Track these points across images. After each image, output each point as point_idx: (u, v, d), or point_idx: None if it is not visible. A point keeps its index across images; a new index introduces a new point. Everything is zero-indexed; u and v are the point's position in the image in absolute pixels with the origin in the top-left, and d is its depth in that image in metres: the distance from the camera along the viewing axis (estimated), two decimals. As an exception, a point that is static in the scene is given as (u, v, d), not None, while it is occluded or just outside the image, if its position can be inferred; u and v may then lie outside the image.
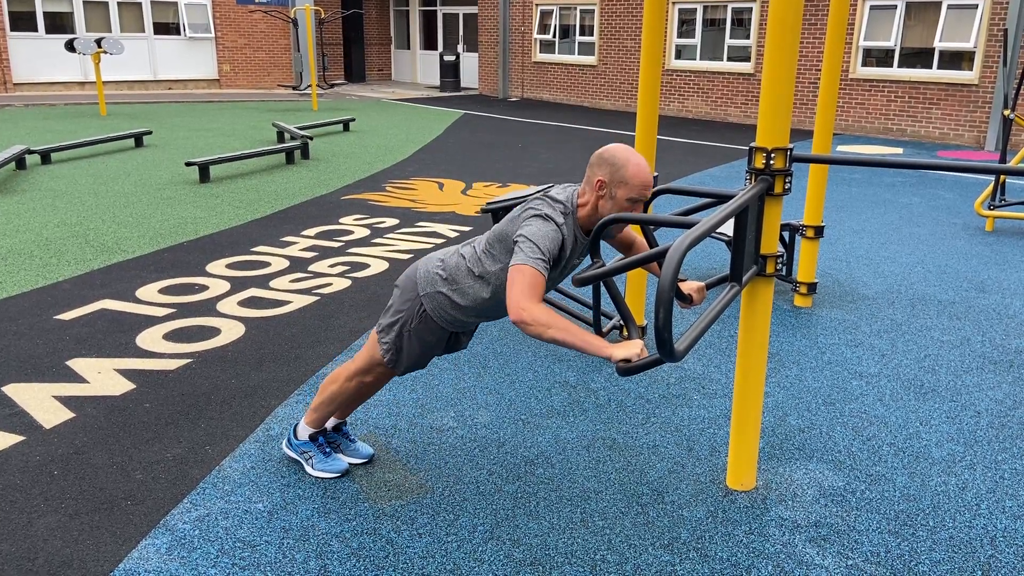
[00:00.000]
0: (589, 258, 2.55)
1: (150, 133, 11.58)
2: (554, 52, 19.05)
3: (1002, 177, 7.34)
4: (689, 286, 2.70)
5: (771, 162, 2.71)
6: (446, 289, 2.73)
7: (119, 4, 19.19)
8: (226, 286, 5.33)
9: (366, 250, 6.28)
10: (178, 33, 20.08)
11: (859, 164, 2.85)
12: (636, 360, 2.26)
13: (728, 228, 5.05)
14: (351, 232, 6.83)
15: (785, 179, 2.73)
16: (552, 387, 3.89)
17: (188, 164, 8.91)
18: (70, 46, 14.25)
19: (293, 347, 4.34)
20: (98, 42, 14.24)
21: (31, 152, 9.72)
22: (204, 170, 8.85)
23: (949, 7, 12.75)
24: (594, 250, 2.53)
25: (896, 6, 13.32)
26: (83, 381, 3.87)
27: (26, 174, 9.14)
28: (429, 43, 23.57)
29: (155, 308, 4.89)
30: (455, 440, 3.38)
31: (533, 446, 3.34)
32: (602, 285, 3.27)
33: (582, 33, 18.34)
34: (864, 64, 13.93)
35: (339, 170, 9.77)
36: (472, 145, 12.17)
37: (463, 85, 21.79)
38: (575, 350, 2.35)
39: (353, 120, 13.60)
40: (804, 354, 4.36)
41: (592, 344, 2.32)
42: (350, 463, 3.14)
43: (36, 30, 18.32)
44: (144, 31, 19.64)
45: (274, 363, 4.13)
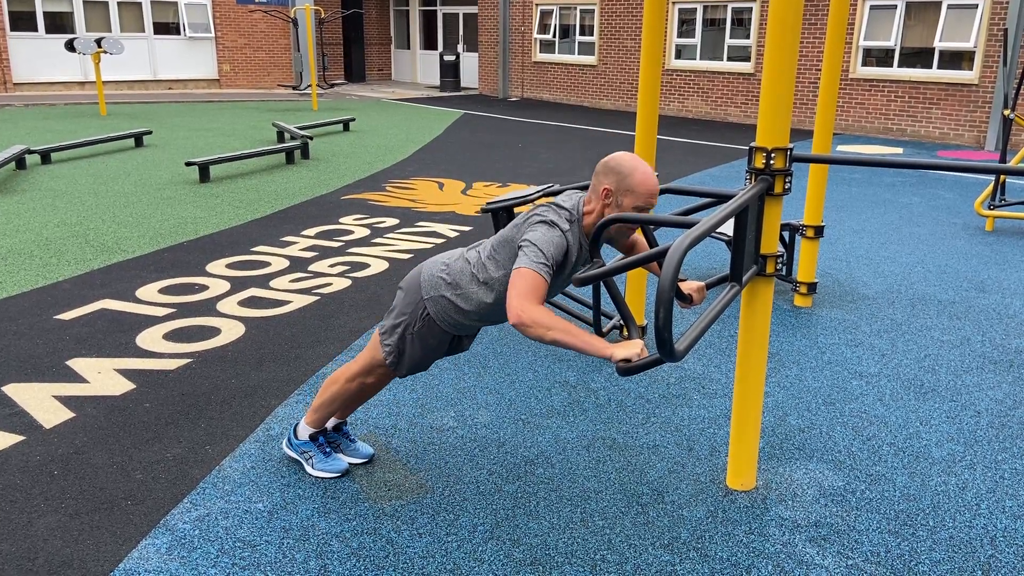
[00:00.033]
0: (590, 257, 2.55)
1: (150, 133, 11.58)
2: (554, 52, 19.06)
3: (1002, 177, 7.34)
4: (689, 286, 2.70)
5: (771, 162, 2.71)
6: (449, 293, 2.72)
7: (119, 4, 19.19)
8: (226, 286, 5.33)
9: (366, 250, 6.28)
10: (178, 33, 20.08)
11: (859, 164, 2.85)
12: (636, 360, 2.26)
13: (728, 228, 5.05)
14: (351, 232, 6.83)
15: (785, 179, 2.74)
16: (552, 387, 3.89)
17: (188, 164, 8.91)
18: (70, 46, 14.25)
19: (293, 347, 4.34)
20: (98, 42, 14.24)
21: (31, 152, 9.72)
22: (204, 170, 8.85)
23: (949, 7, 12.75)
24: (594, 250, 2.53)
25: (896, 6, 13.32)
26: (83, 381, 3.87)
27: (26, 174, 9.14)
28: (429, 43, 23.58)
29: (155, 308, 4.89)
30: (455, 440, 3.38)
31: (533, 446, 3.34)
32: (602, 285, 3.27)
33: (582, 33, 18.34)
34: (864, 64, 13.93)
35: (339, 170, 9.77)
36: (472, 145, 12.17)
37: (463, 85, 21.79)
38: (575, 351, 2.35)
39: (353, 120, 13.60)
40: (804, 354, 4.36)
41: (592, 344, 2.33)
42: (350, 463, 3.14)
43: (36, 30, 18.33)
44: (144, 31, 19.64)
45: (274, 363, 4.13)
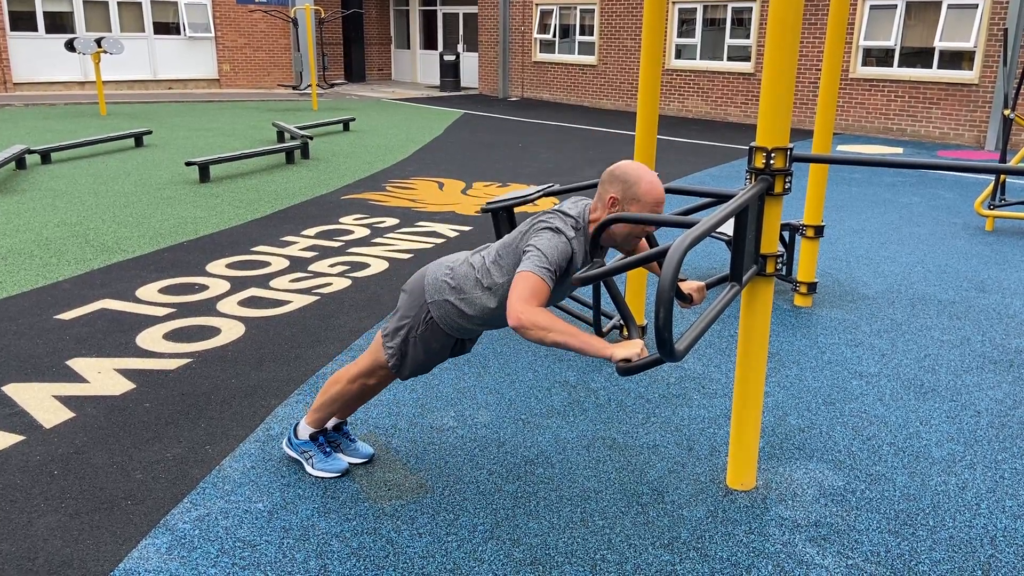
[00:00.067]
0: (590, 257, 2.55)
1: (150, 133, 11.58)
2: (554, 52, 19.06)
3: (1002, 177, 7.34)
4: (689, 286, 2.70)
5: (771, 162, 2.71)
6: (453, 298, 2.72)
7: (119, 4, 19.19)
8: (226, 286, 5.33)
9: (366, 250, 6.28)
10: (178, 33, 20.08)
11: (859, 164, 2.85)
12: (636, 360, 2.26)
13: (728, 228, 5.05)
14: (351, 232, 6.83)
15: (785, 179, 2.73)
16: (552, 387, 3.89)
17: (188, 164, 8.91)
18: (70, 46, 14.25)
19: (293, 347, 4.34)
20: (98, 42, 14.24)
21: (31, 152, 9.72)
22: (204, 170, 8.85)
23: (949, 7, 12.75)
24: (594, 250, 2.53)
25: (896, 6, 13.32)
26: (83, 381, 3.87)
27: (26, 174, 9.14)
28: (429, 43, 23.58)
29: (155, 308, 4.89)
30: (455, 440, 3.38)
31: (533, 446, 3.34)
32: (602, 285, 3.27)
33: (582, 33, 18.34)
34: (864, 64, 13.93)
35: (339, 170, 9.77)
36: (472, 145, 12.17)
37: (463, 85, 21.79)
38: (575, 352, 2.35)
39: (353, 120, 13.60)
40: (804, 354, 4.36)
41: (592, 345, 2.33)
42: (350, 463, 3.14)
43: (36, 30, 18.33)
44: (144, 31, 19.64)
45: (274, 363, 4.13)
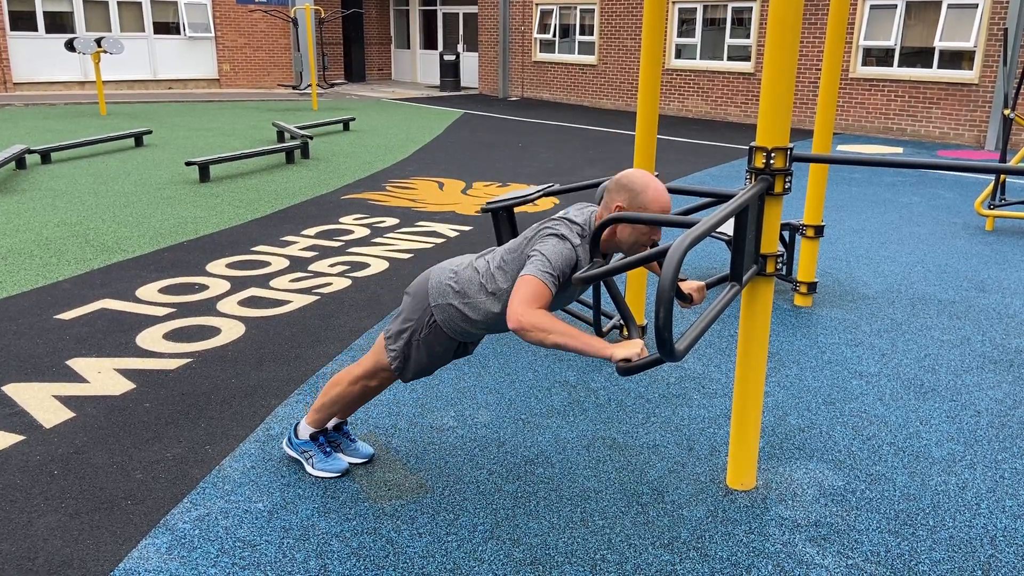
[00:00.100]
0: (590, 257, 2.55)
1: (150, 133, 11.58)
2: (554, 52, 19.05)
3: (1002, 176, 7.34)
4: (689, 285, 2.70)
5: (771, 161, 2.71)
6: (457, 302, 2.72)
7: (119, 4, 19.19)
8: (226, 286, 5.33)
9: (366, 250, 6.28)
10: (178, 33, 20.08)
11: (859, 164, 2.85)
12: (636, 360, 2.26)
13: (728, 228, 5.05)
14: (351, 232, 6.83)
15: (785, 178, 2.73)
16: (552, 387, 3.89)
17: (188, 164, 8.91)
18: (70, 46, 14.25)
19: (293, 347, 4.34)
20: (98, 42, 14.24)
21: (31, 152, 9.72)
22: (204, 170, 8.85)
23: (949, 6, 12.74)
24: (594, 249, 2.53)
25: (896, 5, 13.32)
26: (83, 381, 3.87)
27: (26, 174, 9.14)
28: (429, 43, 23.57)
29: (155, 308, 4.89)
30: (455, 440, 3.38)
31: (533, 446, 3.34)
32: (602, 284, 3.27)
33: (582, 32, 18.34)
34: (864, 63, 13.93)
35: (339, 169, 9.77)
36: (472, 145, 12.17)
37: (463, 85, 21.79)
38: (576, 352, 2.35)
39: (353, 120, 13.60)
40: (804, 353, 4.36)
41: (592, 345, 2.33)
42: (350, 462, 3.14)
43: (36, 29, 18.32)
44: (144, 31, 19.64)
45: (274, 363, 4.13)
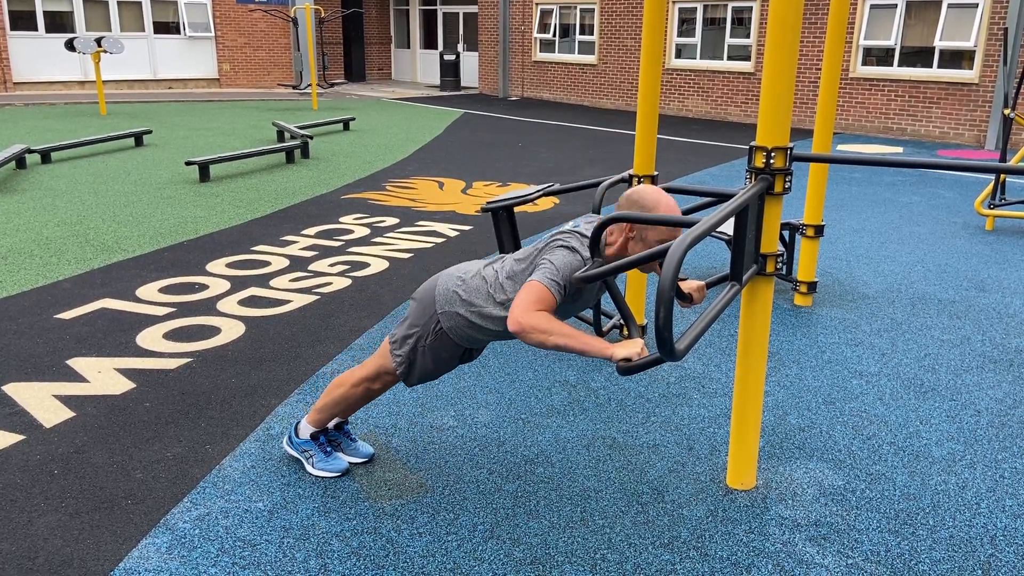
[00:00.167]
0: (591, 256, 2.55)
1: (150, 132, 11.58)
2: (554, 51, 19.05)
3: (1002, 176, 7.34)
4: (689, 285, 2.70)
5: (771, 161, 2.71)
6: (464, 310, 2.71)
7: (119, 3, 19.19)
8: (226, 285, 5.33)
9: (366, 249, 6.28)
10: (178, 32, 20.08)
11: (859, 163, 2.85)
12: (637, 359, 2.26)
13: (728, 227, 5.05)
14: (351, 231, 6.83)
15: (785, 178, 2.73)
16: (552, 386, 3.89)
17: (188, 163, 8.91)
18: (70, 45, 14.25)
19: (293, 346, 4.34)
20: (98, 41, 14.24)
21: (31, 151, 9.72)
22: (204, 169, 8.85)
23: (949, 6, 12.74)
24: (594, 248, 2.53)
25: (896, 5, 13.31)
26: (83, 380, 3.87)
27: (26, 173, 9.14)
28: (429, 42, 23.57)
29: (155, 307, 4.89)
30: (455, 439, 3.38)
31: (533, 445, 3.34)
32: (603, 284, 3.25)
33: (582, 32, 18.34)
34: (864, 63, 13.92)
35: (339, 169, 9.77)
36: (472, 144, 12.16)
37: (463, 84, 21.79)
38: (576, 353, 2.35)
39: (353, 119, 13.60)
40: (804, 353, 4.36)
41: (593, 346, 2.33)
42: (350, 462, 3.14)
43: (36, 29, 18.33)
44: (144, 30, 19.64)
45: (274, 362, 4.13)
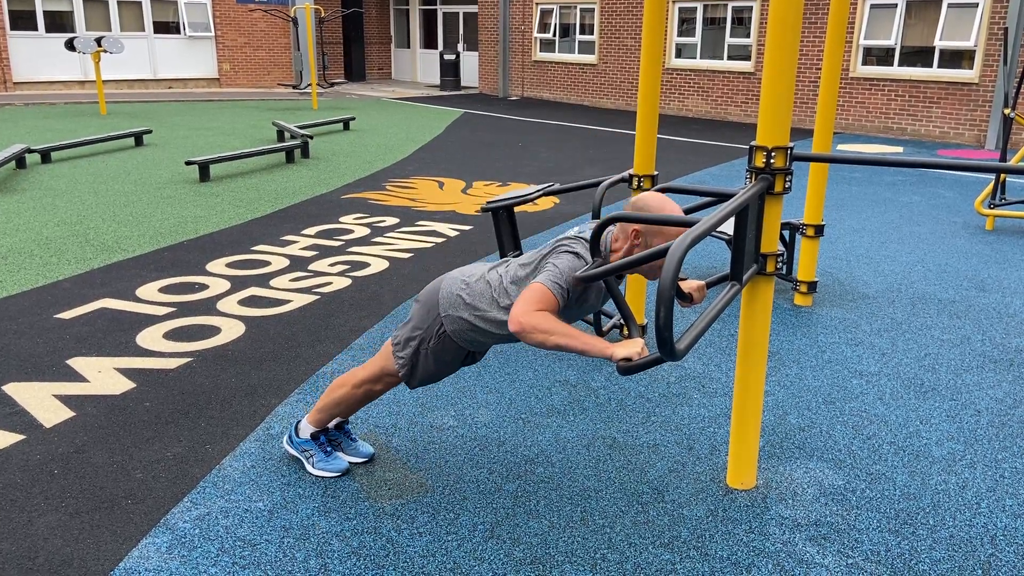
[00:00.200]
0: (591, 257, 2.55)
1: (150, 132, 11.58)
2: (554, 51, 19.05)
3: (1002, 176, 7.33)
4: (689, 285, 2.70)
5: (771, 161, 2.71)
6: (467, 314, 2.71)
7: (119, 3, 19.19)
8: (226, 285, 5.33)
9: (366, 249, 6.28)
10: (178, 32, 20.08)
11: (859, 163, 2.85)
12: (637, 359, 2.26)
13: (728, 227, 5.05)
14: (351, 231, 6.83)
15: (785, 178, 2.73)
16: (552, 386, 3.89)
17: (188, 163, 8.91)
18: (70, 45, 14.25)
19: (293, 346, 4.34)
20: (98, 41, 14.23)
21: (31, 151, 9.72)
22: (204, 169, 8.85)
23: (949, 6, 12.74)
24: (595, 248, 2.53)
25: (896, 5, 13.31)
26: (83, 380, 3.87)
27: (26, 173, 9.14)
28: (429, 42, 23.57)
29: (155, 307, 4.89)
30: (455, 439, 3.38)
31: (533, 445, 3.34)
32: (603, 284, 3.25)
33: (582, 32, 18.34)
34: (864, 63, 13.92)
35: (339, 169, 9.77)
36: (472, 144, 12.16)
37: (463, 84, 21.79)
38: (576, 353, 2.35)
39: (353, 119, 13.60)
40: (804, 353, 4.36)
41: (593, 345, 2.33)
42: (351, 462, 3.14)
43: (36, 29, 18.33)
44: (144, 30, 19.64)
45: (274, 362, 4.13)
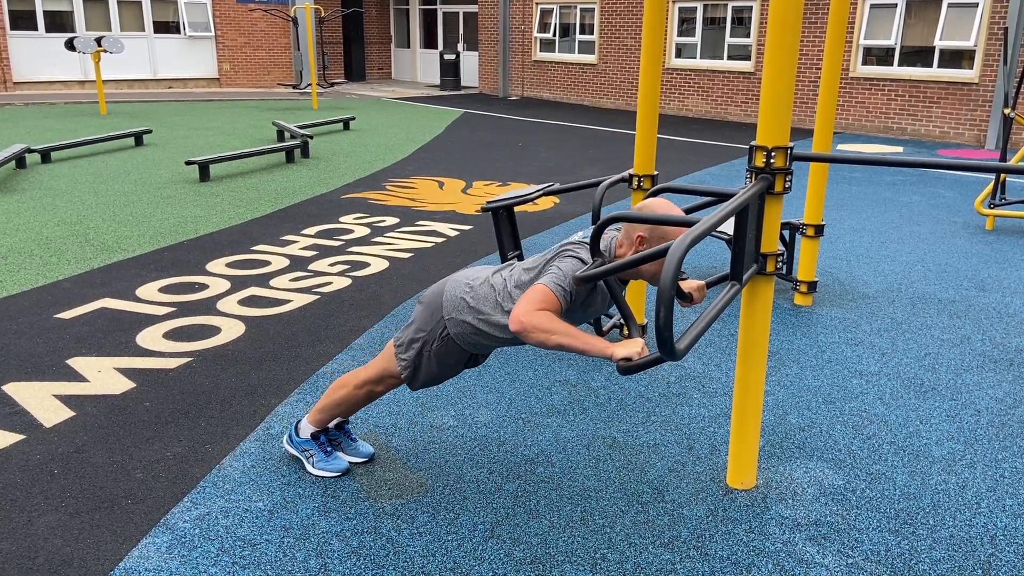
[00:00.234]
0: (591, 257, 2.55)
1: (150, 132, 11.58)
2: (554, 51, 19.05)
3: (1002, 176, 7.33)
4: (689, 285, 2.70)
5: (771, 160, 2.71)
6: (471, 318, 2.71)
7: (119, 3, 19.19)
8: (226, 285, 5.33)
9: (366, 249, 6.28)
10: (178, 32, 20.08)
11: (859, 163, 2.85)
12: (637, 359, 2.26)
13: (728, 227, 5.05)
14: (351, 231, 6.83)
15: (785, 178, 2.73)
16: (552, 386, 3.89)
17: (188, 163, 8.91)
18: (70, 45, 14.25)
19: (293, 346, 4.34)
20: (98, 41, 14.23)
21: (31, 151, 9.72)
22: (204, 169, 8.85)
23: (949, 5, 12.74)
24: (595, 248, 2.53)
25: (896, 5, 13.31)
26: (83, 380, 3.87)
27: (26, 173, 9.14)
28: (429, 42, 23.56)
29: (155, 307, 4.89)
30: (455, 439, 3.38)
31: (533, 445, 3.34)
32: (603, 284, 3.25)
33: (582, 32, 18.33)
34: (864, 63, 13.92)
35: (339, 169, 9.77)
36: (472, 144, 12.16)
37: (463, 84, 21.78)
38: (577, 352, 2.36)
39: (353, 119, 13.60)
40: (804, 353, 4.36)
41: (594, 345, 2.33)
42: (351, 462, 3.14)
43: (36, 29, 18.32)
44: (144, 30, 19.64)
45: (274, 362, 4.13)
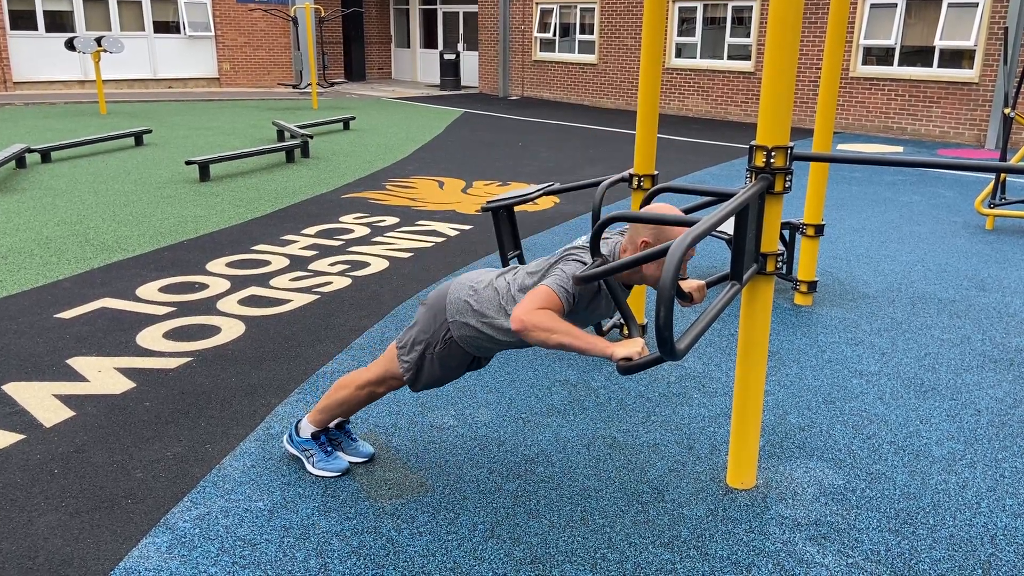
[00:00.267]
0: (591, 257, 2.55)
1: (150, 132, 11.58)
2: (554, 51, 19.05)
3: (1002, 175, 7.33)
4: (689, 284, 2.70)
5: (771, 160, 2.71)
6: (474, 320, 2.71)
7: (119, 3, 19.18)
8: (226, 285, 5.33)
9: (366, 248, 6.28)
10: (178, 32, 20.08)
11: (859, 162, 2.85)
12: (637, 358, 2.26)
13: (728, 227, 5.04)
14: (351, 231, 6.83)
15: (785, 177, 2.73)
16: (552, 385, 3.89)
17: (188, 163, 8.91)
18: (70, 45, 14.25)
19: (293, 346, 4.34)
20: (98, 41, 14.23)
21: (31, 151, 9.72)
22: (204, 169, 8.85)
23: (949, 5, 12.74)
24: (595, 248, 2.53)
25: (896, 4, 13.31)
26: (83, 380, 3.87)
27: (26, 173, 9.14)
28: (429, 42, 23.56)
29: (155, 307, 4.89)
30: (455, 438, 3.38)
31: (533, 444, 3.34)
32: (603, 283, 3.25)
33: (582, 31, 18.33)
34: (864, 62, 13.92)
35: (339, 169, 9.77)
36: (472, 144, 12.16)
37: (463, 84, 21.78)
38: (577, 352, 2.36)
39: (353, 119, 13.60)
40: (804, 352, 4.36)
41: (594, 345, 2.33)
42: (351, 461, 3.14)
43: (36, 29, 18.32)
44: (144, 30, 19.64)
45: (274, 361, 4.13)
